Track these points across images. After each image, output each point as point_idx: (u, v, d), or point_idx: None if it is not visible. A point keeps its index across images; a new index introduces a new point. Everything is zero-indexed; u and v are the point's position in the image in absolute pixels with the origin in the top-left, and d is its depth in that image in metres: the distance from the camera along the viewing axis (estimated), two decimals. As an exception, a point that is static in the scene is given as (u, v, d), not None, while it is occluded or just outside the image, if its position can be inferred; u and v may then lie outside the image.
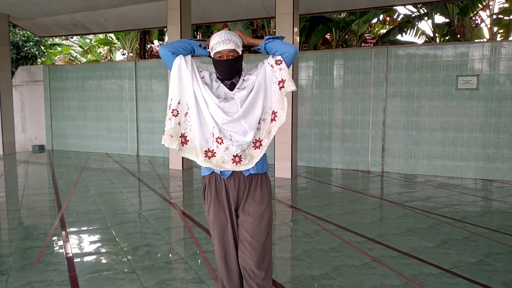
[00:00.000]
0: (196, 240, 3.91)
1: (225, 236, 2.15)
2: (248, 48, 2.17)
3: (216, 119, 2.03)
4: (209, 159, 2.06)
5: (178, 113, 2.08)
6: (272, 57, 2.09)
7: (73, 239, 3.99)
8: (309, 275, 3.14)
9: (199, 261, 3.42)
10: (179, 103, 2.09)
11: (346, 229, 4.25)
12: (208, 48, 2.12)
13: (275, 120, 2.09)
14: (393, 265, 3.32)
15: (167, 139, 2.08)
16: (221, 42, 2.03)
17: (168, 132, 2.07)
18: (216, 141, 2.04)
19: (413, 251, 3.64)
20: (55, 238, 4.02)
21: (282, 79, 2.06)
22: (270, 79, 2.09)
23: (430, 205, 5.26)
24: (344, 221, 4.55)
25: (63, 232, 4.18)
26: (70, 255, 3.56)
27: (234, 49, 2.04)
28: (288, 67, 2.08)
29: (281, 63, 2.07)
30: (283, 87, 2.07)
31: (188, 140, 2.10)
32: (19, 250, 3.67)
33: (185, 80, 2.07)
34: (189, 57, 2.11)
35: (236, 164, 2.05)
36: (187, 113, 2.09)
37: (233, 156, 2.03)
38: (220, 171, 2.10)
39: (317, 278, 3.08)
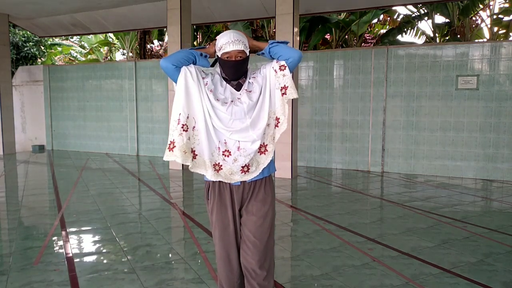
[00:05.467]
0: (196, 240, 3.92)
1: (226, 237, 2.15)
2: (252, 52, 2.17)
3: (222, 132, 2.02)
4: (217, 172, 2.05)
5: (188, 128, 2.04)
6: (277, 62, 2.08)
7: (73, 239, 3.99)
8: (309, 275, 3.14)
9: (199, 261, 3.42)
10: (187, 117, 2.04)
11: (346, 229, 4.25)
12: (208, 57, 2.11)
13: (278, 126, 2.09)
14: (393, 265, 3.32)
15: (179, 155, 2.00)
16: (231, 42, 1.99)
17: (182, 148, 2.01)
18: (223, 154, 2.03)
19: (413, 251, 3.64)
20: (55, 238, 4.02)
21: (284, 85, 2.06)
22: (273, 85, 2.08)
23: (430, 205, 5.26)
24: (344, 221, 4.55)
25: (63, 232, 4.18)
26: (70, 255, 3.56)
27: (243, 50, 2.02)
28: (291, 71, 2.08)
29: (285, 68, 2.05)
30: (285, 94, 2.06)
31: (197, 155, 2.06)
32: (19, 250, 3.67)
33: (193, 93, 2.03)
34: (193, 67, 2.05)
35: (245, 173, 2.05)
36: (194, 127, 2.05)
37: (242, 166, 2.03)
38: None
39: (317, 278, 3.08)
